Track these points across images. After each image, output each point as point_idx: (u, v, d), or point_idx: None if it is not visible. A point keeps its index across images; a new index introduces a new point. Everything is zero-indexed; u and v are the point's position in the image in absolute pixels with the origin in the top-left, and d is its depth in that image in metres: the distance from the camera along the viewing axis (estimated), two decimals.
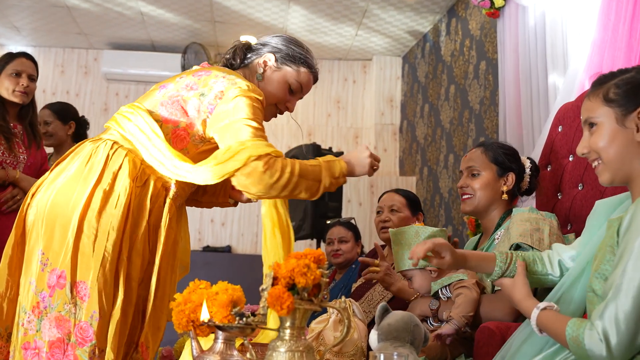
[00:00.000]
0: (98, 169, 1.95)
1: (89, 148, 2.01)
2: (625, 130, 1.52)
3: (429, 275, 2.14)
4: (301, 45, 2.22)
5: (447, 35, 5.53)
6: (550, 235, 2.04)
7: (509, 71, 4.05)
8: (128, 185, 1.94)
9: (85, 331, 1.84)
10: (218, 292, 1.41)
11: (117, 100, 6.75)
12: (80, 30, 6.36)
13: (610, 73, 1.60)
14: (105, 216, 1.91)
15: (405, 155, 6.52)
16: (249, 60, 2.19)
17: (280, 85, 2.16)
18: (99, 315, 1.84)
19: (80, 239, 1.89)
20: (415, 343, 1.64)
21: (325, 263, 1.43)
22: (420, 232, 2.11)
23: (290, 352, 1.36)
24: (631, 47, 2.73)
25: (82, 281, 1.87)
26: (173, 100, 2.01)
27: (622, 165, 1.53)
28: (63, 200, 1.92)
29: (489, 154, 2.30)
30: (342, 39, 6.36)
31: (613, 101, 1.54)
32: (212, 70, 2.06)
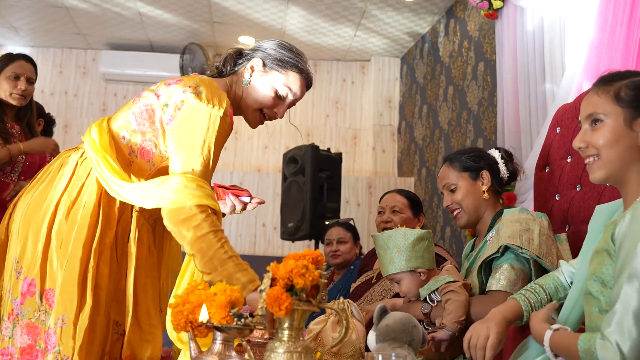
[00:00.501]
0: (66, 179, 1.94)
1: (63, 157, 2.01)
2: (631, 132, 1.50)
3: (418, 278, 2.13)
4: (292, 50, 2.13)
5: (446, 36, 5.54)
6: (540, 235, 2.05)
7: (507, 72, 4.06)
8: (95, 193, 1.92)
9: (52, 337, 1.84)
10: (216, 293, 1.42)
11: (116, 101, 6.75)
12: (79, 30, 6.35)
13: (619, 73, 1.57)
14: (70, 224, 1.90)
15: (403, 156, 6.53)
16: (239, 66, 2.12)
17: (266, 89, 2.08)
18: (62, 322, 1.83)
19: (49, 247, 1.89)
20: (413, 344, 1.64)
21: (324, 264, 1.43)
22: (408, 234, 2.11)
23: (288, 353, 1.36)
24: (628, 48, 2.74)
25: (51, 289, 1.87)
26: (143, 110, 1.97)
27: (620, 167, 1.51)
28: (35, 209, 1.93)
29: (455, 165, 2.33)
30: (341, 40, 6.37)
31: (624, 101, 1.51)
32: (184, 79, 2.00)
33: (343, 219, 4.31)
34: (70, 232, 1.89)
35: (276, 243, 6.29)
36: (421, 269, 2.12)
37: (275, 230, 6.31)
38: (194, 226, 1.81)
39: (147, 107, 1.97)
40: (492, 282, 2.05)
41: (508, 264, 2.05)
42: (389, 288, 2.88)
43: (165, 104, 1.94)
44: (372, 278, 3.02)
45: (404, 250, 2.10)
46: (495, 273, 2.07)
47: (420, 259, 2.11)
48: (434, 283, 2.08)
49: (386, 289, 2.89)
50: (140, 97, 2.01)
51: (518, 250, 2.02)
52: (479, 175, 2.31)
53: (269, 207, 6.35)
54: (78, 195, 1.93)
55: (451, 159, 2.36)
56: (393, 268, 2.12)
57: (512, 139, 3.92)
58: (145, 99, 1.99)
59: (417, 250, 2.10)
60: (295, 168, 5.18)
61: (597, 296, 1.48)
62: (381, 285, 2.91)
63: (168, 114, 1.93)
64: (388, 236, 2.14)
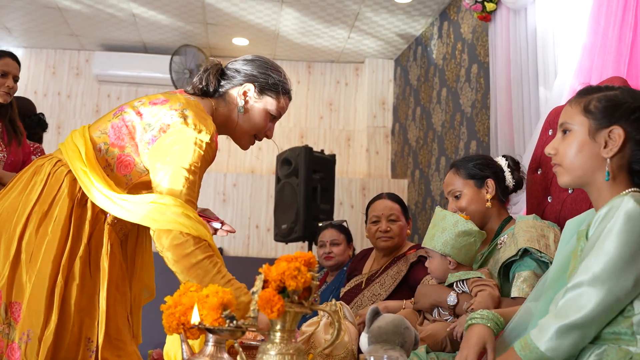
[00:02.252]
0: (39, 188, 1.91)
1: (35, 166, 1.98)
2: (594, 143, 1.57)
3: (447, 264, 2.15)
4: (278, 70, 2.14)
5: (439, 38, 5.55)
6: (555, 242, 2.07)
7: (501, 74, 4.07)
8: (66, 206, 1.89)
9: (15, 352, 1.80)
10: (208, 295, 1.41)
11: (109, 102, 6.73)
12: (72, 31, 6.34)
13: (597, 86, 1.65)
14: (41, 238, 1.87)
15: (397, 158, 6.54)
16: (222, 88, 2.10)
17: (262, 116, 2.10)
18: (27, 337, 1.80)
19: (19, 259, 1.86)
20: (405, 346, 1.64)
21: (316, 266, 1.43)
22: (460, 224, 2.12)
23: (280, 355, 1.36)
24: (621, 51, 2.75)
25: (17, 302, 1.84)
26: (122, 125, 1.96)
27: (583, 174, 1.59)
28: (7, 219, 1.89)
29: (461, 172, 2.34)
30: (335, 42, 6.37)
31: (591, 113, 1.59)
32: (169, 99, 1.99)
33: (336, 221, 4.31)
34: (40, 245, 1.85)
35: (270, 245, 6.29)
36: (452, 258, 2.13)
37: (268, 232, 6.31)
38: (188, 253, 1.81)
39: (127, 123, 1.96)
40: (514, 290, 2.06)
41: (531, 271, 2.06)
42: (379, 292, 2.88)
43: (148, 124, 1.93)
44: (362, 283, 3.01)
45: (447, 234, 2.12)
46: (517, 280, 2.08)
47: (456, 250, 2.11)
48: (465, 274, 2.10)
49: (376, 294, 2.89)
50: (122, 112, 1.99)
51: (537, 254, 2.04)
52: (484, 183, 2.32)
53: (262, 209, 6.35)
54: (49, 207, 1.89)
55: (457, 166, 2.37)
56: (429, 243, 2.16)
57: (505, 141, 3.93)
58: (127, 115, 1.97)
59: (459, 241, 2.11)
60: (289, 170, 5.18)
61: None
62: (371, 290, 2.91)
63: (150, 134, 1.91)
64: (443, 216, 2.15)
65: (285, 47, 6.52)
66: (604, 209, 1.49)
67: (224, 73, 2.12)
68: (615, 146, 1.54)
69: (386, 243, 3.01)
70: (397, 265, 2.95)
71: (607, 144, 1.56)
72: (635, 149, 1.55)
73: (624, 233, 1.42)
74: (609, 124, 1.56)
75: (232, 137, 2.16)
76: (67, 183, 1.91)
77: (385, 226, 3.02)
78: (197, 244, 1.82)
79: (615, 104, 1.57)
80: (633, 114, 1.55)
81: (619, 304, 1.42)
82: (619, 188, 1.56)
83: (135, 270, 2.12)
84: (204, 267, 1.81)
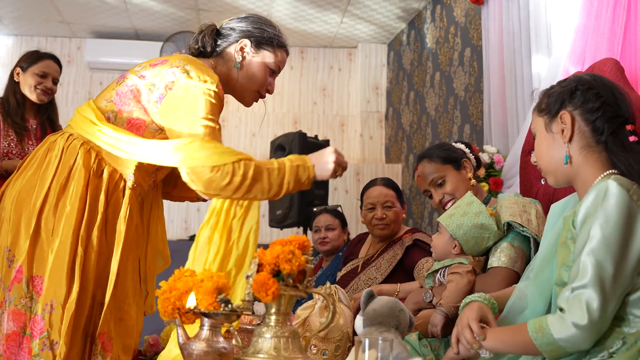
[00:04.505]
0: (55, 164, 1.94)
1: (49, 142, 2.01)
2: (552, 135, 1.62)
3: (451, 246, 2.15)
4: (272, 25, 2.16)
5: (432, 22, 5.54)
6: (537, 217, 2.11)
7: (494, 58, 4.07)
8: (83, 177, 1.92)
9: (39, 324, 1.84)
10: (203, 280, 1.42)
11: (101, 89, 6.68)
12: (63, 18, 6.29)
13: (551, 86, 1.69)
14: (60, 211, 1.91)
15: (391, 142, 6.54)
16: (219, 47, 2.13)
17: (261, 70, 2.12)
18: (51, 307, 1.84)
19: (38, 234, 1.90)
20: (400, 328, 1.65)
21: (310, 249, 1.44)
22: (482, 216, 2.10)
23: (275, 338, 1.37)
24: (614, 32, 2.75)
25: (38, 275, 1.88)
26: (127, 90, 1.98)
27: (557, 168, 1.62)
28: (26, 197, 1.93)
29: (435, 159, 2.38)
30: (328, 27, 6.35)
31: (543, 110, 1.65)
32: (168, 59, 2.01)
33: (331, 206, 4.32)
34: (60, 219, 1.89)
35: (264, 230, 6.29)
36: (458, 244, 2.13)
37: (263, 218, 6.30)
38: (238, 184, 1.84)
39: (131, 87, 1.98)
40: (493, 260, 2.10)
41: (507, 242, 2.10)
42: (375, 276, 2.89)
43: (152, 84, 1.95)
44: (358, 267, 3.02)
45: (465, 219, 2.12)
46: (495, 252, 2.11)
47: (466, 238, 2.11)
48: (449, 261, 2.10)
49: (372, 277, 2.90)
50: (125, 78, 2.02)
51: (519, 228, 2.06)
52: (461, 164, 2.37)
53: None
54: (66, 181, 1.93)
55: (429, 155, 2.41)
56: (445, 220, 2.15)
57: (499, 124, 3.93)
58: (129, 80, 2.00)
59: (473, 231, 2.10)
60: (283, 155, 5.15)
61: None
62: (366, 274, 2.92)
63: (157, 93, 1.93)
64: (471, 201, 2.15)
65: None
66: (589, 196, 1.49)
67: (219, 33, 2.15)
68: (567, 129, 1.58)
69: (383, 231, 3.01)
70: (392, 249, 2.96)
71: (563, 132, 1.59)
72: (589, 122, 1.58)
73: (616, 225, 1.43)
74: (557, 113, 1.61)
75: (234, 95, 2.17)
76: (81, 155, 1.94)
77: (380, 213, 3.01)
78: (239, 167, 1.84)
79: (558, 93, 1.62)
80: (574, 93, 1.60)
81: (624, 293, 1.43)
82: (594, 169, 1.57)
83: (150, 238, 2.15)
84: (258, 183, 1.87)
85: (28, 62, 3.28)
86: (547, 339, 1.41)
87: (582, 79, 1.63)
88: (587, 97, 1.59)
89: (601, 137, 1.57)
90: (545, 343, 1.41)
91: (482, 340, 1.53)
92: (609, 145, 1.57)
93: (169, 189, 2.31)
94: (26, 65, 3.27)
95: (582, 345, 1.40)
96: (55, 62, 3.32)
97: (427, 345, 1.95)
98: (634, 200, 1.45)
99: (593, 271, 1.40)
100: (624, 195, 1.44)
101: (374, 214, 3.02)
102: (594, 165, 1.58)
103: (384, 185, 3.12)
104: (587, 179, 1.58)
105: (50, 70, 3.26)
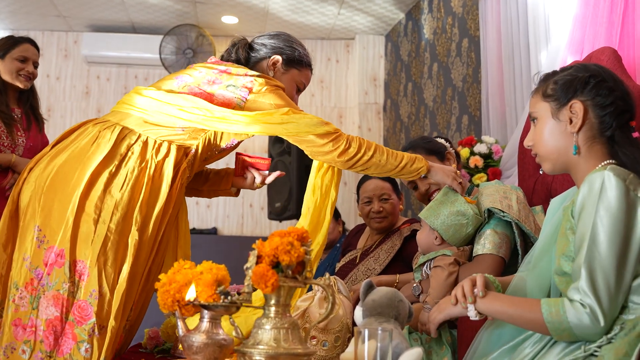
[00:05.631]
0: (104, 151, 1.96)
1: (96, 129, 2.02)
2: (559, 123, 1.61)
3: (432, 236, 2.16)
4: (301, 45, 2.28)
5: (430, 13, 5.52)
6: (518, 203, 2.13)
7: (492, 48, 4.06)
8: (137, 166, 1.96)
9: (84, 310, 1.84)
10: (202, 272, 1.42)
11: (99, 84, 6.68)
12: (59, 12, 6.27)
13: (554, 71, 1.69)
14: (109, 197, 1.92)
15: (389, 134, 6.53)
16: (251, 60, 2.23)
17: (289, 86, 2.22)
18: (99, 294, 1.85)
19: (80, 218, 1.90)
20: (399, 318, 1.65)
21: (309, 241, 1.44)
22: (458, 203, 2.13)
23: (275, 329, 1.37)
24: (612, 22, 2.74)
25: (81, 260, 1.88)
26: (194, 92, 2.04)
27: (559, 156, 1.62)
28: (63, 178, 1.93)
29: (420, 151, 2.38)
30: (325, 18, 6.33)
31: (550, 96, 1.64)
32: (229, 66, 2.11)
33: None
34: (109, 205, 1.92)
35: (264, 223, 6.30)
36: (438, 234, 2.13)
37: (262, 211, 6.31)
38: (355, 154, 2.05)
39: (199, 91, 2.04)
40: (478, 248, 2.10)
41: (491, 229, 2.11)
42: (373, 267, 2.90)
43: (228, 85, 2.05)
44: (356, 258, 3.02)
45: (442, 208, 2.14)
46: (479, 239, 2.12)
47: (445, 227, 2.12)
48: (433, 254, 2.11)
49: (370, 268, 2.90)
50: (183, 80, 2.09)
51: (500, 214, 2.07)
52: (444, 156, 2.42)
53: None
54: (117, 168, 1.96)
55: (413, 147, 2.43)
56: (424, 213, 2.18)
57: (497, 115, 3.93)
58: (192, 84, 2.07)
59: (450, 219, 2.12)
60: (281, 148, 5.17)
61: (571, 273, 1.51)
62: (365, 265, 2.92)
63: (239, 93, 2.04)
64: (447, 191, 2.18)
65: (275, 24, 6.46)
66: (584, 186, 1.49)
67: (251, 46, 2.25)
68: (578, 119, 1.58)
69: (380, 224, 3.01)
70: (391, 240, 2.96)
71: (571, 120, 1.59)
72: (599, 116, 1.58)
73: (617, 216, 1.43)
74: (567, 101, 1.60)
75: None
76: (137, 147, 1.99)
77: (377, 207, 3.01)
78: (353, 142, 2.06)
79: (570, 80, 1.62)
80: (587, 84, 1.59)
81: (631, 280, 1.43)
82: (595, 160, 1.58)
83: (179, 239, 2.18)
84: (375, 161, 2.08)
85: (5, 48, 3.15)
86: (562, 326, 1.42)
87: (590, 69, 1.63)
88: (600, 90, 1.59)
89: (608, 131, 1.58)
90: (559, 328, 1.42)
91: (481, 297, 1.54)
92: (616, 139, 1.57)
93: (198, 185, 2.36)
94: (3, 52, 3.14)
95: (596, 337, 1.41)
96: (33, 46, 3.24)
97: (417, 339, 1.96)
98: (631, 190, 1.46)
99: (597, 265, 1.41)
100: (621, 185, 1.45)
101: (371, 207, 3.02)
102: (595, 156, 1.59)
103: (379, 178, 3.11)
104: (586, 170, 1.58)
105: (30, 54, 3.18)
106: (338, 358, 1.80)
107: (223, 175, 2.37)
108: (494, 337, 1.69)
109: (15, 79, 3.12)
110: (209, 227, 6.31)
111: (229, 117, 1.98)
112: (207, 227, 6.29)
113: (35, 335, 1.84)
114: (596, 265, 1.41)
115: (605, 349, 1.39)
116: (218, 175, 2.38)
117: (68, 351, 1.83)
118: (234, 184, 2.36)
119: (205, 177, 2.35)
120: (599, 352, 1.39)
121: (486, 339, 1.71)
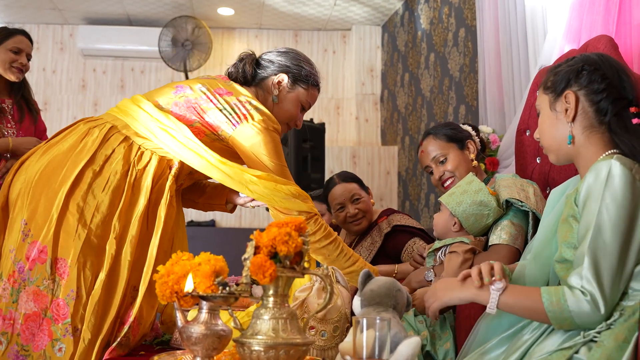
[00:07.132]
0: (91, 149, 1.97)
1: (86, 127, 2.03)
2: (556, 114, 1.63)
3: (451, 223, 2.17)
4: (310, 63, 2.27)
5: (426, 3, 5.51)
6: (535, 195, 2.13)
7: (489, 38, 4.04)
8: (120, 169, 1.96)
9: (62, 308, 1.85)
10: (201, 263, 1.42)
11: (95, 76, 6.66)
12: (55, 5, 6.24)
13: (557, 64, 1.70)
14: (91, 197, 1.93)
15: (386, 124, 6.53)
16: (257, 77, 2.23)
17: (294, 105, 2.23)
18: (76, 294, 1.85)
19: (65, 215, 1.91)
20: (397, 308, 1.66)
21: (306, 231, 1.44)
22: (481, 193, 2.12)
23: (274, 320, 1.37)
24: (609, 10, 2.73)
25: (62, 258, 1.88)
26: (190, 105, 2.05)
27: (560, 147, 1.64)
28: (51, 174, 1.93)
29: (440, 137, 2.41)
30: (321, 9, 6.31)
31: (548, 88, 1.66)
32: (232, 89, 2.11)
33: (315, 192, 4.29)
34: (91, 205, 1.92)
35: (261, 215, 6.30)
36: (457, 221, 2.14)
37: None
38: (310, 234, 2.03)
39: (194, 104, 2.05)
40: (494, 238, 2.12)
41: (507, 220, 2.12)
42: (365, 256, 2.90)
43: (222, 108, 2.06)
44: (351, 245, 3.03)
45: (465, 196, 2.14)
46: (495, 229, 2.13)
47: (466, 215, 2.13)
48: (450, 240, 2.12)
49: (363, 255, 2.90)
50: (185, 95, 2.09)
51: (518, 203, 2.09)
52: (465, 145, 2.41)
53: None
54: (102, 168, 1.96)
55: (435, 133, 2.44)
56: (445, 198, 2.19)
57: (495, 104, 3.92)
58: (190, 97, 2.07)
59: (472, 208, 2.12)
60: None
61: (572, 260, 1.51)
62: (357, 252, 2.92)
63: (231, 119, 2.06)
64: (471, 180, 2.18)
65: (271, 15, 6.45)
66: (590, 173, 1.49)
67: (258, 63, 2.25)
68: (571, 109, 1.59)
69: (360, 226, 3.00)
70: (370, 237, 2.95)
71: (567, 111, 1.60)
72: (593, 104, 1.59)
73: (622, 205, 1.43)
74: (562, 92, 1.61)
75: None
76: (121, 149, 1.99)
77: (352, 210, 2.98)
78: (317, 224, 2.09)
79: (566, 71, 1.63)
80: (580, 74, 1.60)
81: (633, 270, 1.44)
82: (596, 149, 1.58)
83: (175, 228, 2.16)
84: (328, 250, 2.12)
85: None
86: (563, 315, 1.42)
87: (589, 59, 1.63)
88: (592, 77, 1.59)
89: (604, 118, 1.58)
90: (560, 317, 1.42)
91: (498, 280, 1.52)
92: (612, 127, 1.57)
93: (194, 197, 2.37)
94: None
95: (596, 325, 1.41)
96: (27, 38, 3.23)
97: (422, 321, 1.96)
98: (637, 179, 1.46)
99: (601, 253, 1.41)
100: (627, 175, 1.45)
101: (346, 211, 2.99)
102: (596, 145, 1.59)
103: (343, 181, 3.07)
104: (589, 159, 1.58)
105: (23, 45, 3.17)
106: (337, 348, 1.80)
107: (220, 190, 2.39)
108: (493, 326, 1.69)
109: (7, 71, 3.10)
110: (207, 219, 6.31)
111: (199, 153, 2.00)
112: (205, 220, 6.29)
113: (13, 328, 1.85)
114: (600, 253, 1.41)
115: (605, 334, 1.39)
116: (215, 190, 2.41)
117: (43, 347, 1.84)
118: (229, 200, 2.39)
119: (202, 189, 2.37)
120: (599, 337, 1.40)
121: (485, 328, 1.71)
